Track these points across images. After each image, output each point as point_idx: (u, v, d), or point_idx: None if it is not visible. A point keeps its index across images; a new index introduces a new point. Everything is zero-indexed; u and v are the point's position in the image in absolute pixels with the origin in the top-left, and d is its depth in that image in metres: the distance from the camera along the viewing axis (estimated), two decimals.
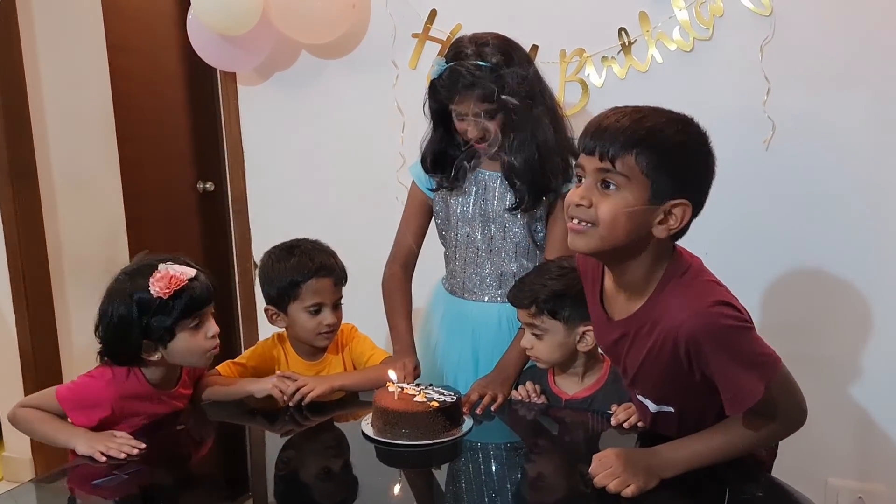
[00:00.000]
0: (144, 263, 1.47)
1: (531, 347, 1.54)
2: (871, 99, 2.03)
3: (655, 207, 1.13)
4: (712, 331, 1.13)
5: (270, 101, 2.62)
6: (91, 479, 1.35)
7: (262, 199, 2.72)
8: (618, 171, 1.12)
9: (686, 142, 1.15)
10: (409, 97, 2.42)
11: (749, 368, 1.14)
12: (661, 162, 1.11)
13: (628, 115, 1.15)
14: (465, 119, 1.66)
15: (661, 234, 1.15)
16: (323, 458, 1.48)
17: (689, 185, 1.15)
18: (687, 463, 1.19)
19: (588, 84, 2.25)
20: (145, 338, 1.44)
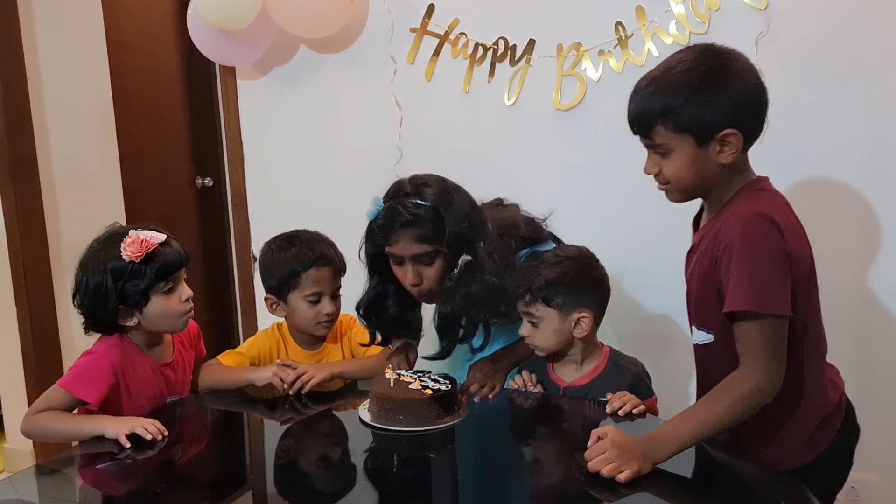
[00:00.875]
0: (115, 231, 1.51)
1: (528, 335, 1.56)
2: (867, 94, 2.05)
3: (707, 148, 1.23)
4: (743, 234, 1.19)
5: (269, 96, 2.64)
6: (92, 465, 1.37)
7: (260, 193, 2.73)
8: (658, 142, 1.26)
9: (697, 83, 1.21)
10: (406, 92, 2.44)
11: (749, 283, 1.18)
12: (685, 116, 1.22)
13: (641, 90, 1.27)
14: (401, 263, 1.56)
15: (727, 161, 1.24)
16: (321, 444, 1.49)
17: (724, 114, 1.21)
18: (678, 442, 1.19)
19: (585, 78, 2.26)
20: (121, 303, 1.47)
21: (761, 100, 1.25)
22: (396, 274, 1.59)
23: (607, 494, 1.16)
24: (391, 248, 1.55)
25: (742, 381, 1.22)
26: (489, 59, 2.34)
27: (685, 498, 1.16)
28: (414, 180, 1.57)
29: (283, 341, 1.77)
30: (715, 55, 1.24)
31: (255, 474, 1.38)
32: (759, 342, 1.20)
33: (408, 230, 1.51)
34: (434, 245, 1.53)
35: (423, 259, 1.54)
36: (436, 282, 1.57)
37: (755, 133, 1.26)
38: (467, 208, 1.56)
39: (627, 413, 1.42)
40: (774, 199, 1.29)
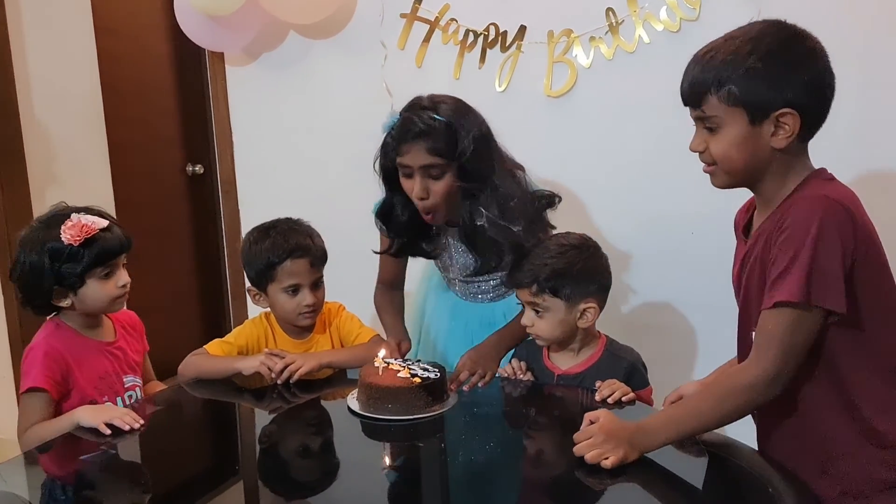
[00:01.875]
0: (58, 213, 1.52)
1: (531, 325, 1.54)
2: (858, 79, 2.04)
3: (760, 126, 1.13)
4: (814, 214, 1.08)
5: (259, 82, 2.62)
6: (78, 455, 1.36)
7: (250, 179, 2.72)
8: (709, 114, 1.16)
9: (761, 55, 1.11)
10: (397, 78, 2.42)
11: (809, 275, 1.06)
12: (741, 88, 1.12)
13: (699, 59, 1.17)
14: (410, 175, 1.57)
15: (780, 145, 1.13)
16: (310, 434, 1.49)
17: (784, 92, 1.11)
18: (666, 432, 1.16)
19: (576, 64, 2.25)
20: (57, 284, 1.49)
21: (827, 85, 1.14)
22: (405, 187, 1.60)
23: (596, 482, 1.15)
24: (402, 159, 1.57)
25: (739, 373, 1.14)
26: (480, 46, 2.33)
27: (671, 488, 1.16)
28: (432, 97, 1.60)
29: (272, 330, 1.76)
30: (783, 29, 1.15)
31: (243, 464, 1.37)
32: (774, 332, 1.09)
33: (419, 141, 1.53)
34: (444, 159, 1.54)
35: (432, 171, 1.55)
36: (442, 198, 1.58)
37: (816, 120, 1.15)
38: (482, 129, 1.59)
39: (617, 401, 1.42)
40: (847, 191, 1.16)
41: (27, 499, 1.19)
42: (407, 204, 1.65)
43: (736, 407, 1.13)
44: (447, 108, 1.56)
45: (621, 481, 1.15)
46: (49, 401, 1.49)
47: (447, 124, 1.54)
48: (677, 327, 2.22)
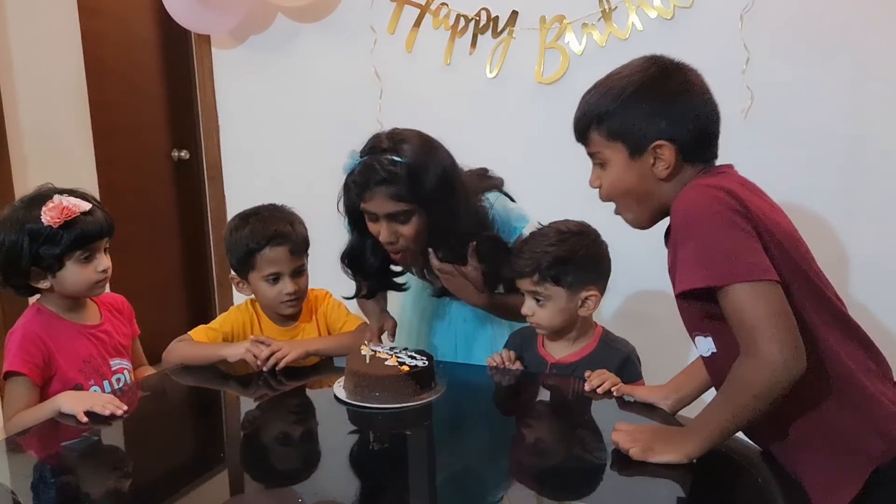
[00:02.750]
0: (41, 193, 1.49)
1: (532, 314, 1.51)
2: (850, 70, 2.04)
3: (640, 159, 1.16)
4: (694, 203, 1.08)
5: (245, 65, 2.58)
6: (60, 442, 1.34)
7: (236, 165, 2.69)
8: (593, 150, 1.21)
9: (633, 90, 1.15)
10: (387, 63, 2.40)
11: (703, 255, 1.04)
12: (616, 123, 1.16)
13: (584, 95, 1.22)
14: (376, 220, 1.54)
15: (661, 175, 1.16)
16: (296, 422, 1.47)
17: (655, 124, 1.14)
18: (701, 433, 1.10)
19: (568, 51, 2.23)
20: (34, 265, 1.47)
21: (702, 115, 1.15)
22: (371, 230, 1.56)
23: (584, 470, 1.15)
24: (366, 205, 1.53)
25: (747, 367, 1.05)
26: (471, 31, 2.31)
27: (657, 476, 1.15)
28: (392, 136, 1.53)
29: (257, 317, 1.74)
30: (657, 65, 1.17)
31: (228, 452, 1.35)
32: (755, 327, 1.02)
33: (382, 188, 1.48)
34: (409, 204, 1.50)
35: (399, 217, 1.52)
36: (412, 241, 1.55)
37: (696, 148, 1.16)
38: (445, 166, 1.53)
39: (606, 391, 1.41)
40: (735, 179, 1.16)
41: (8, 486, 1.17)
42: (375, 245, 1.61)
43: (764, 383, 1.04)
44: (409, 149, 1.49)
45: (607, 469, 1.15)
46: (31, 385, 1.47)
47: (409, 167, 1.47)
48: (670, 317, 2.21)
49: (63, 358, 1.51)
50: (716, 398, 1.13)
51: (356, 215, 1.58)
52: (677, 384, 1.38)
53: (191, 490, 1.17)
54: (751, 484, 1.11)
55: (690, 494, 1.08)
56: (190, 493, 1.16)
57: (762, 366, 1.03)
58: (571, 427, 1.40)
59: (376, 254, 1.64)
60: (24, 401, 1.46)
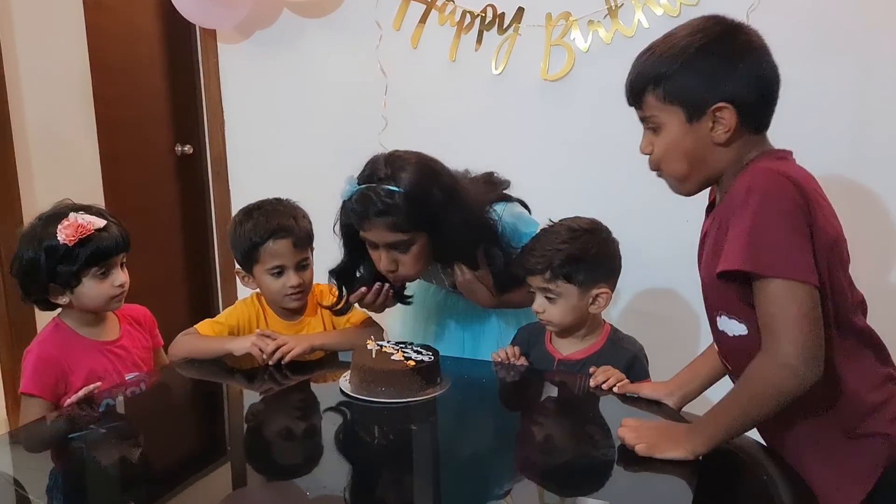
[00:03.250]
0: (59, 210, 1.52)
1: (542, 311, 1.51)
2: (857, 70, 2.03)
3: (698, 124, 1.11)
4: (763, 187, 1.04)
5: (251, 60, 2.58)
6: (66, 434, 1.35)
7: (241, 160, 2.69)
8: (648, 114, 1.15)
9: (693, 51, 1.10)
10: (392, 59, 2.40)
11: (755, 241, 1.02)
12: (675, 85, 1.11)
13: (638, 57, 1.16)
14: (376, 248, 1.52)
15: (720, 140, 1.11)
16: (301, 416, 1.48)
17: (717, 86, 1.09)
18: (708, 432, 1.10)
19: (573, 48, 2.23)
20: (52, 281, 1.50)
21: (765, 77, 1.12)
22: (372, 257, 1.55)
23: (588, 465, 1.15)
24: (365, 234, 1.51)
25: (762, 369, 1.04)
26: (477, 27, 2.30)
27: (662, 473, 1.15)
28: (391, 161, 1.49)
29: (263, 311, 1.74)
30: (719, 24, 1.12)
31: (233, 445, 1.36)
32: (780, 313, 1.01)
33: (381, 219, 1.46)
34: (408, 234, 1.48)
35: (399, 247, 1.50)
36: (412, 268, 1.54)
37: (756, 112, 1.12)
38: (446, 190, 1.49)
39: (610, 388, 1.41)
40: (800, 169, 1.13)
41: (12, 475, 1.17)
42: (372, 268, 1.59)
43: (776, 401, 1.05)
44: (407, 178, 1.45)
45: (613, 465, 1.15)
46: (44, 404, 1.50)
47: (408, 197, 1.44)
48: (678, 316, 2.21)
49: (77, 376, 1.52)
50: (727, 396, 1.12)
51: (352, 237, 1.57)
52: (681, 380, 1.39)
53: (196, 483, 1.18)
54: (756, 481, 1.11)
55: (696, 491, 1.09)
56: (195, 486, 1.16)
57: (778, 367, 1.03)
58: (577, 423, 1.40)
59: (372, 278, 1.62)
60: (39, 416, 1.47)
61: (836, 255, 1.11)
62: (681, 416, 1.33)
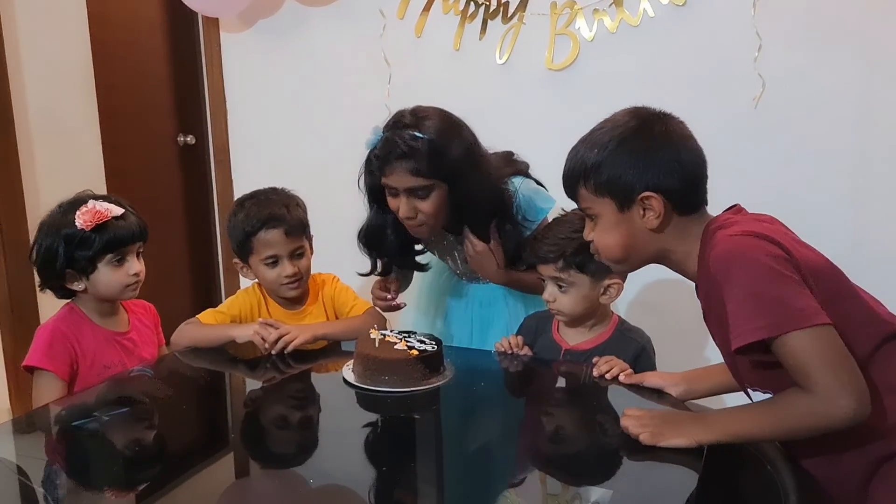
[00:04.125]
0: (78, 198, 1.56)
1: (553, 301, 1.51)
2: (862, 58, 2.02)
3: (629, 212, 1.16)
4: (734, 254, 1.06)
5: (254, 49, 2.57)
6: (69, 422, 1.34)
7: (244, 149, 2.68)
8: (584, 206, 1.21)
9: (616, 143, 1.14)
10: (396, 48, 2.38)
11: (756, 307, 1.02)
12: (602, 178, 1.15)
13: (571, 150, 1.21)
14: (396, 195, 1.55)
15: (652, 226, 1.15)
16: (304, 404, 1.47)
17: (641, 176, 1.13)
18: (723, 428, 1.10)
19: (578, 38, 2.21)
20: (69, 267, 1.53)
21: (686, 164, 1.14)
22: (391, 206, 1.58)
23: (592, 454, 1.14)
24: (386, 180, 1.54)
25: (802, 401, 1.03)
26: (481, 16, 2.29)
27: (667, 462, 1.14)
28: (415, 112, 1.55)
29: (264, 300, 1.74)
30: (642, 116, 1.17)
31: (236, 434, 1.35)
32: (812, 370, 1.00)
33: (403, 163, 1.49)
34: (429, 179, 1.51)
35: (418, 192, 1.53)
36: (431, 216, 1.56)
37: (684, 197, 1.15)
38: (467, 143, 1.55)
39: (614, 377, 1.40)
40: (758, 221, 1.14)
41: (15, 462, 1.17)
42: (396, 222, 1.63)
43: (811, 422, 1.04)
44: (431, 125, 1.51)
45: (617, 454, 1.14)
46: (58, 381, 1.51)
47: (431, 143, 1.48)
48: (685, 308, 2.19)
49: (85, 362, 1.54)
50: (756, 407, 1.12)
51: (377, 192, 1.60)
52: (691, 376, 1.37)
53: (198, 472, 1.17)
54: (761, 471, 1.11)
55: (701, 480, 1.08)
56: (197, 476, 1.16)
57: (829, 410, 1.01)
58: (580, 413, 1.40)
59: (396, 231, 1.65)
60: (54, 395, 1.48)
61: (832, 285, 1.10)
62: (685, 406, 1.32)
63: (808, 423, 1.04)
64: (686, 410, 1.29)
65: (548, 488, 1.12)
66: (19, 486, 1.10)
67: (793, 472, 1.10)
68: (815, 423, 1.03)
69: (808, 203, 2.11)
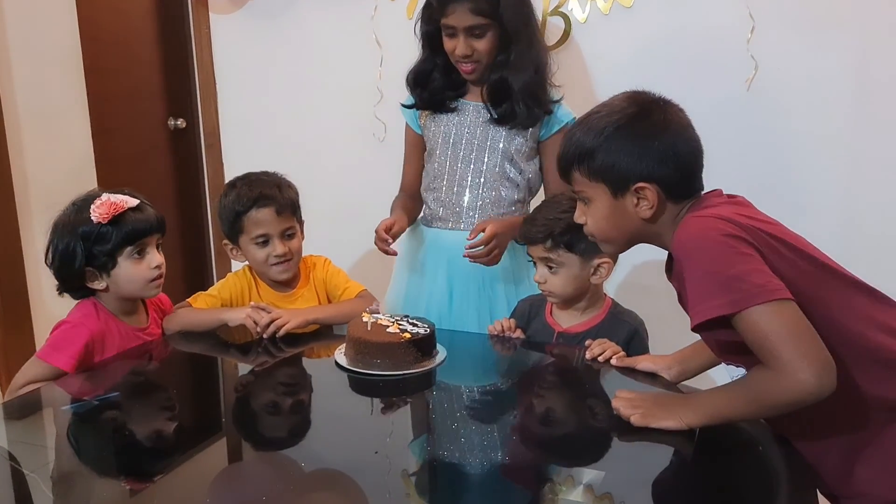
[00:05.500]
0: (90, 195, 1.52)
1: (544, 282, 1.51)
2: (855, 40, 2.01)
3: (623, 199, 1.15)
4: (693, 235, 1.07)
5: (244, 30, 2.55)
6: (60, 406, 1.34)
7: (235, 132, 2.66)
8: (578, 189, 1.20)
9: (613, 129, 1.13)
10: (388, 30, 2.36)
11: (717, 285, 1.02)
12: (597, 164, 1.15)
13: (567, 133, 1.22)
14: (454, 35, 1.65)
15: (645, 216, 1.15)
16: (296, 388, 1.47)
17: (636, 165, 1.12)
18: (706, 410, 1.11)
19: (571, 19, 2.20)
20: (88, 265, 1.49)
21: (682, 153, 1.13)
22: (447, 47, 1.70)
23: (584, 435, 1.15)
24: (446, 20, 1.66)
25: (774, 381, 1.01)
26: None
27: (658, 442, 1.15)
28: None
29: (255, 283, 1.73)
30: (641, 102, 1.16)
31: (228, 418, 1.35)
32: (776, 346, 0.99)
33: (464, 2, 1.61)
34: (487, 19, 1.63)
35: (475, 31, 1.64)
36: (486, 55, 1.68)
37: (678, 185, 1.14)
38: (526, 8, 1.68)
39: (607, 360, 1.40)
40: (719, 205, 1.13)
41: (7, 448, 1.17)
42: (445, 65, 1.75)
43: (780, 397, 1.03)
44: None
45: (609, 436, 1.15)
46: (50, 374, 1.45)
47: None
48: None
49: (108, 357, 1.51)
50: (731, 387, 1.12)
51: (432, 37, 1.73)
52: (683, 356, 1.38)
53: (190, 457, 1.17)
54: (752, 451, 1.12)
55: (692, 461, 1.09)
56: (189, 460, 1.15)
57: (791, 385, 1.00)
58: (572, 395, 1.40)
59: (444, 73, 1.77)
60: (37, 379, 1.44)
61: (806, 246, 1.10)
62: (677, 389, 1.33)
63: (777, 400, 1.03)
64: (677, 393, 1.29)
65: (540, 470, 1.13)
66: (10, 473, 1.09)
67: (783, 454, 1.11)
68: (783, 399, 1.02)
69: (800, 185, 2.11)
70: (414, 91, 1.82)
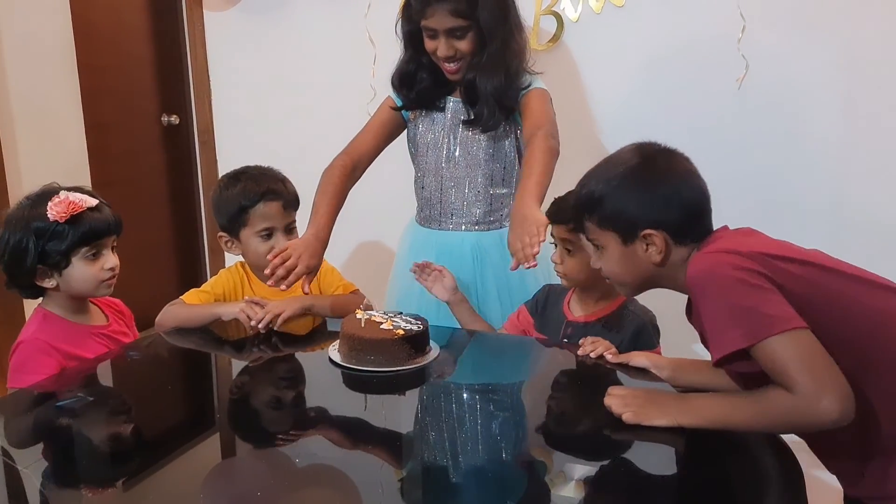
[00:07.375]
0: (47, 190, 1.48)
1: (561, 263, 1.55)
2: (846, 39, 2.03)
3: (633, 246, 1.18)
4: (704, 273, 1.09)
5: (238, 28, 2.55)
6: (53, 403, 1.34)
7: (228, 130, 2.66)
8: (591, 237, 1.24)
9: (620, 179, 1.18)
10: (381, 28, 2.36)
11: (733, 319, 1.05)
12: (604, 214, 1.19)
13: (579, 183, 1.25)
14: (435, 37, 1.64)
15: (656, 260, 1.18)
16: (290, 384, 1.48)
17: (643, 213, 1.16)
18: (703, 413, 1.12)
19: (563, 17, 2.21)
20: (41, 263, 1.45)
21: (687, 200, 1.17)
22: (428, 48, 1.68)
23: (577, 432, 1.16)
24: (426, 21, 1.64)
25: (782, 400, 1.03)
26: None
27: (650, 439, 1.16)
28: None
29: (247, 278, 1.74)
30: (646, 152, 1.19)
31: (222, 414, 1.36)
32: (791, 373, 1.01)
33: (443, 4, 1.60)
34: (467, 20, 1.62)
35: (457, 32, 1.63)
36: (469, 54, 1.66)
37: (686, 230, 1.17)
38: (504, 9, 1.66)
39: (599, 356, 1.41)
40: (726, 240, 1.16)
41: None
42: (429, 64, 1.73)
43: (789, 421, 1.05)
44: None
45: (600, 433, 1.16)
46: None
47: None
48: None
49: (74, 363, 1.48)
50: (737, 397, 1.14)
51: (413, 37, 1.71)
52: (680, 363, 1.36)
53: (184, 452, 1.17)
54: (743, 448, 1.12)
55: (683, 458, 1.10)
56: (183, 456, 1.16)
57: (811, 412, 1.01)
58: (564, 392, 1.41)
59: (429, 72, 1.75)
60: None
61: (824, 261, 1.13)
62: (670, 387, 1.34)
63: (789, 421, 1.05)
64: (671, 391, 1.30)
65: (532, 467, 1.14)
66: (4, 468, 1.10)
67: (776, 454, 1.11)
68: (801, 422, 1.04)
69: (791, 184, 2.13)
70: (400, 92, 1.81)
